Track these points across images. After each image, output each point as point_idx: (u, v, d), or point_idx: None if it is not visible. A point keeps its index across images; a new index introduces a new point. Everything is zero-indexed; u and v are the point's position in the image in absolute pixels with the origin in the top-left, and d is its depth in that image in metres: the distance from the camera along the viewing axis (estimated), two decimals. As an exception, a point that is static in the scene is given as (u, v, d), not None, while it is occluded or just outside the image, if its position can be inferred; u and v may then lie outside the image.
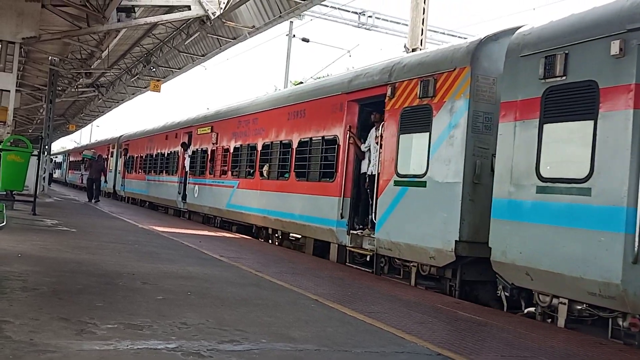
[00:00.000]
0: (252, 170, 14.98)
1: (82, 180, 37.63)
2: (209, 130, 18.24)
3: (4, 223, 10.79)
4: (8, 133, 16.58)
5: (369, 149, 10.41)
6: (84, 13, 17.90)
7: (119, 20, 18.86)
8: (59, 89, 30.69)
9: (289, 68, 29.17)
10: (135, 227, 14.60)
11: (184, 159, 20.23)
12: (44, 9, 17.05)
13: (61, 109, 44.29)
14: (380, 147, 9.80)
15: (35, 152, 15.92)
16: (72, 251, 8.73)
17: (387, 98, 9.72)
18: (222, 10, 19.74)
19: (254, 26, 20.67)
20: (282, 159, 13.38)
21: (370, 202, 10.15)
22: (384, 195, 9.51)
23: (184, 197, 19.87)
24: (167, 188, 22.09)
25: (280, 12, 18.93)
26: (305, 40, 28.72)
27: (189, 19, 21.21)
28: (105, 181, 28.44)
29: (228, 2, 19.55)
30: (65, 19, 18.06)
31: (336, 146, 11.10)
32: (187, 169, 19.74)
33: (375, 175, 9.98)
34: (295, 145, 12.74)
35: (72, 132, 66.01)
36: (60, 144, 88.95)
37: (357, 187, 10.82)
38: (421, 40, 17.02)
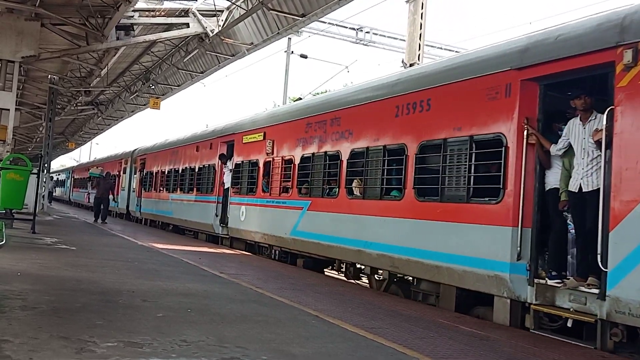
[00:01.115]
0: (334, 187, 11.33)
1: (89, 199, 34.66)
2: (261, 138, 14.67)
3: (4, 241, 10.76)
4: (7, 151, 16.63)
5: (565, 153, 7.13)
6: (83, 31, 18.06)
7: (118, 39, 19.03)
8: (59, 107, 30.81)
9: (287, 84, 29.29)
10: (134, 245, 14.56)
11: (222, 173, 16.98)
12: (43, 28, 17.21)
13: (61, 127, 44.44)
14: (608, 148, 6.32)
15: (35, 171, 15.92)
16: (71, 269, 8.70)
17: (619, 68, 6.20)
18: (220, 28, 19.92)
19: (252, 43, 20.83)
20: (387, 170, 9.78)
21: (572, 234, 7.09)
22: (626, 226, 5.94)
23: (223, 220, 16.62)
24: (199, 209, 18.46)
25: (278, 29, 19.09)
26: (303, 56, 28.86)
27: (188, 37, 21.41)
28: (115, 200, 26.37)
29: (226, 20, 19.73)
30: (64, 37, 18.21)
31: (502, 149, 7.49)
32: (228, 185, 16.48)
33: (587, 191, 6.64)
34: (412, 150, 9.06)
35: (72, 150, 66.11)
36: (60, 162, 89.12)
37: (541, 211, 7.32)
38: (419, 55, 17.14)
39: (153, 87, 29.32)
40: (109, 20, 17.01)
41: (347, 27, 26.88)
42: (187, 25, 20.19)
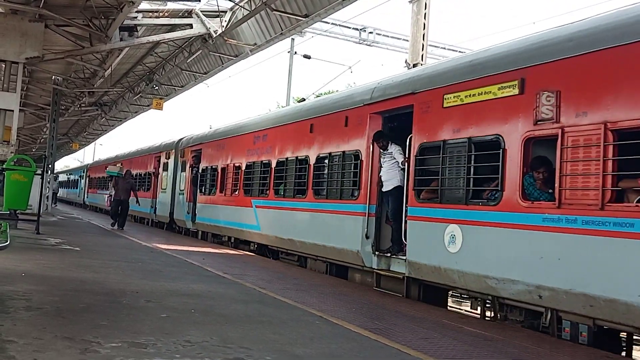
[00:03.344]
0: None
1: (110, 202, 26.13)
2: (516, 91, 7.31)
3: (8, 242, 10.79)
4: (12, 152, 16.66)
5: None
6: (87, 33, 18.08)
7: (121, 40, 19.05)
8: (62, 108, 30.86)
9: (291, 84, 29.30)
10: (138, 245, 14.58)
11: (378, 166, 10.23)
12: (47, 29, 17.24)
13: (64, 128, 44.53)
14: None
15: (39, 171, 15.96)
16: (75, 270, 8.71)
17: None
18: (223, 29, 19.94)
19: (255, 44, 20.84)
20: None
21: None
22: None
23: (382, 246, 10.24)
24: (323, 225, 11.59)
25: (282, 30, 19.09)
26: (306, 57, 28.87)
27: (191, 37, 21.43)
28: (138, 203, 21.28)
29: (230, 20, 19.75)
30: (68, 38, 18.25)
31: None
32: (397, 184, 9.81)
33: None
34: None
35: (76, 150, 66.28)
36: (64, 163, 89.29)
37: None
38: (422, 56, 17.14)
39: (156, 87, 29.34)
40: (113, 22, 17.02)
41: (350, 28, 26.87)
42: (191, 26, 20.21)
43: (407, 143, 9.35)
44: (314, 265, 12.20)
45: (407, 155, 9.37)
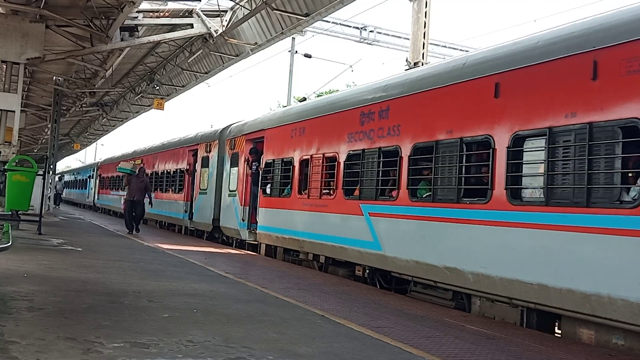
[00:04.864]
0: None
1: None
2: None
3: (10, 243, 10.80)
4: (13, 153, 16.71)
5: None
6: (87, 33, 18.10)
7: (122, 40, 19.08)
8: (64, 108, 30.89)
9: (291, 84, 29.29)
10: (140, 245, 14.59)
11: None
12: (48, 30, 17.26)
13: (66, 128, 44.56)
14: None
15: (41, 172, 15.98)
16: (77, 270, 8.72)
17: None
18: (224, 28, 19.95)
19: (256, 43, 20.85)
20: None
21: None
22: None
23: None
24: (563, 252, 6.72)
25: (282, 29, 19.09)
26: (307, 56, 28.85)
27: (192, 37, 21.45)
28: (151, 205, 19.02)
29: (230, 20, 19.76)
30: (69, 39, 18.27)
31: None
32: None
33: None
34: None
35: (77, 151, 66.39)
36: (66, 163, 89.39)
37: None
38: (423, 54, 17.11)
39: (157, 87, 29.36)
40: (114, 22, 17.03)
41: (351, 26, 26.86)
42: (191, 25, 20.23)
43: None
44: (491, 310, 7.74)
45: None
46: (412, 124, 9.45)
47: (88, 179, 43.63)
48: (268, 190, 14.19)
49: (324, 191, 11.78)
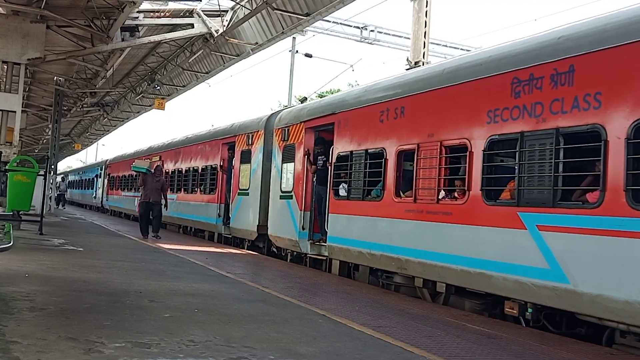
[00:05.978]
0: None
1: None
2: None
3: (11, 243, 10.81)
4: (14, 153, 16.72)
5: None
6: (88, 33, 18.13)
7: (123, 40, 19.10)
8: (65, 108, 30.92)
9: (292, 83, 29.30)
10: (142, 245, 14.59)
11: None
12: (48, 30, 17.28)
13: (67, 129, 44.62)
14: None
15: (42, 172, 15.99)
16: (79, 270, 8.73)
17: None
18: (225, 28, 19.97)
19: (256, 43, 20.86)
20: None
21: None
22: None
23: None
24: None
25: (283, 29, 19.10)
26: (308, 55, 28.84)
27: (193, 37, 21.46)
28: (166, 207, 17.12)
29: (231, 20, 19.77)
30: (70, 39, 18.29)
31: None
32: None
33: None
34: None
35: (78, 151, 66.45)
36: (67, 163, 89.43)
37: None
38: (424, 53, 17.10)
39: (158, 87, 29.38)
40: (114, 22, 17.05)
41: (351, 26, 26.86)
42: (192, 25, 20.24)
43: None
44: None
45: None
46: (629, 89, 6.09)
47: (95, 179, 40.40)
48: (343, 192, 10.97)
49: (444, 193, 8.58)
